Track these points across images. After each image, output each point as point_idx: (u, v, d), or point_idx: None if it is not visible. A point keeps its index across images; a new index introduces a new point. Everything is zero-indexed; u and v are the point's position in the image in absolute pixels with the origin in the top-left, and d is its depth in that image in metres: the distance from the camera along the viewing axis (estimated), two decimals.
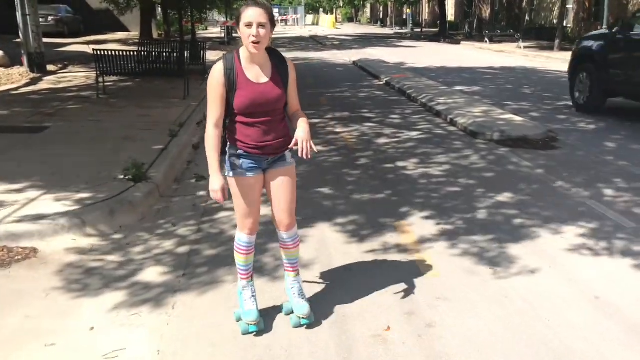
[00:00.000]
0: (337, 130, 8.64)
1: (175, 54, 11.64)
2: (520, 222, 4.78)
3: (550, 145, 7.33)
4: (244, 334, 3.16)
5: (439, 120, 9.25)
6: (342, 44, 30.96)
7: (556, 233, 4.55)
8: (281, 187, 3.19)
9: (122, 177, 5.73)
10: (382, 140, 7.89)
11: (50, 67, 15.58)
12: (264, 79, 3.00)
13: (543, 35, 29.25)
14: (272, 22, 2.91)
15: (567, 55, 22.05)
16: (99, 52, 10.87)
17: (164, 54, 12.14)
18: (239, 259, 3.31)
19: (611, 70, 8.92)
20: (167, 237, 4.60)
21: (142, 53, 11.95)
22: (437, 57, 22.25)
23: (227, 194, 3.06)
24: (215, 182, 3.02)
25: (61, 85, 12.55)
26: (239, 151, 3.09)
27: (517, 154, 6.99)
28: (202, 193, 5.72)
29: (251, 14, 2.84)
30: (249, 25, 2.84)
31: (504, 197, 5.42)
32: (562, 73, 15.85)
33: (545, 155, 6.93)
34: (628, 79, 8.59)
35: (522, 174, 6.19)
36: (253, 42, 2.86)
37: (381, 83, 14.22)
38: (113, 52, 11.10)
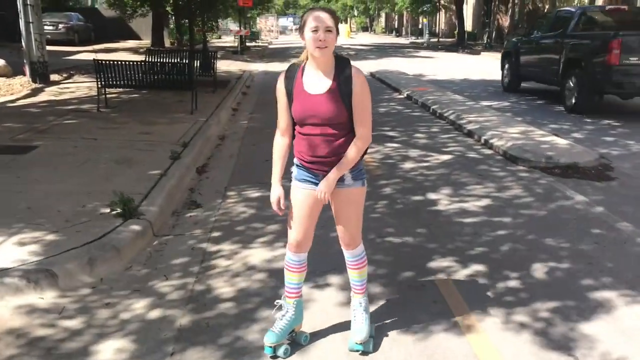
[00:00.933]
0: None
1: (180, 65, 10.83)
2: (589, 284, 3.85)
3: (605, 175, 6.38)
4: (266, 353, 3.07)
5: (470, 141, 8.33)
6: (358, 54, 30.10)
7: (637, 301, 3.62)
8: (339, 208, 3.08)
9: (109, 211, 4.89)
10: (408, 165, 7.00)
11: (54, 77, 14.86)
12: (320, 91, 2.85)
13: None
14: (337, 29, 2.78)
15: None
16: (100, 62, 10.11)
17: (168, 65, 11.32)
18: (286, 275, 3.20)
19: (520, 62, 13.24)
20: (149, 295, 3.73)
21: (147, 63, 11.17)
22: (458, 69, 21.32)
23: (283, 204, 3.01)
24: (272, 192, 3.07)
25: (62, 97, 11.79)
26: (295, 161, 3.07)
27: (568, 185, 6.06)
28: (199, 231, 4.88)
29: (317, 19, 2.75)
30: (315, 30, 2.74)
31: (563, 245, 4.49)
32: None
33: (602, 188, 5.99)
34: (527, 67, 13.00)
35: (578, 212, 5.26)
36: (319, 47, 2.75)
37: (402, 96, 13.33)
38: (116, 62, 10.35)
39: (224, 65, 21.58)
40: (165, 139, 8.06)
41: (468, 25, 42.01)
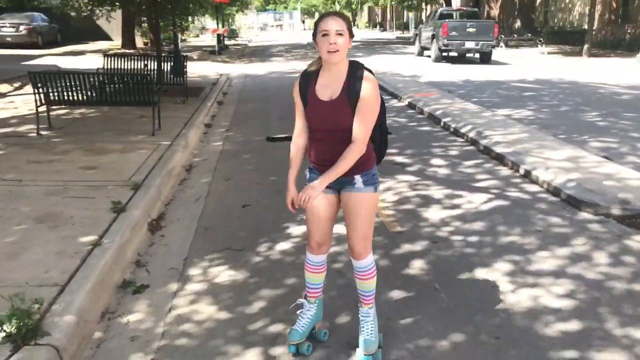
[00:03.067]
0: None
1: (140, 74, 8.92)
2: None
3: None
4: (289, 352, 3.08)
5: (504, 169, 6.57)
6: None
7: None
8: (349, 213, 3.01)
9: None
10: (434, 214, 5.22)
11: (2, 88, 12.92)
12: (330, 96, 2.86)
13: (567, 40, 26.61)
14: (350, 32, 2.82)
15: (600, 63, 19.81)
16: (37, 74, 8.20)
17: (127, 75, 9.42)
18: (306, 275, 3.22)
19: (421, 37, 23.82)
20: None
21: (102, 73, 9.26)
22: (455, 67, 19.61)
23: (300, 203, 2.84)
24: (288, 193, 3.00)
25: (0, 116, 9.86)
26: (309, 164, 3.07)
27: None
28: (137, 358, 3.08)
29: (328, 23, 2.77)
30: (326, 34, 2.75)
31: None
32: (618, 87, 13.26)
33: None
34: (423, 40, 23.65)
35: None
36: (330, 51, 2.75)
37: (402, 104, 11.55)
38: (60, 73, 8.46)
39: (199, 68, 19.66)
40: (113, 176, 6.22)
41: None
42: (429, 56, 22.48)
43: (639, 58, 18.44)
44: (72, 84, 8.35)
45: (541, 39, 25.25)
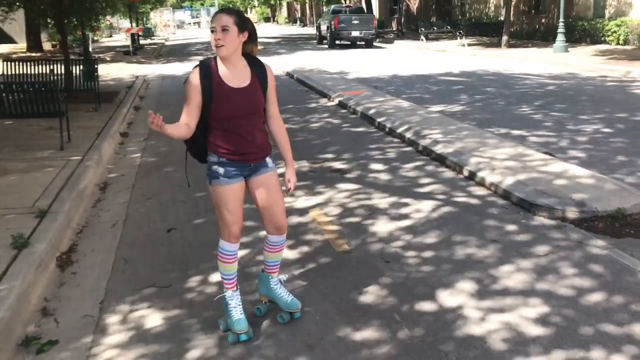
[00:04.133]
0: (299, 202, 5.46)
1: (42, 82, 7.98)
2: None
3: None
4: (232, 343, 3.13)
5: (446, 171, 6.23)
6: (266, 48, 27.62)
7: None
8: (271, 192, 3.18)
9: None
10: (382, 226, 4.77)
11: None
12: (242, 84, 3.00)
13: (485, 31, 27.11)
14: (241, 27, 2.92)
15: (520, 53, 20.20)
16: None
17: (26, 82, 8.47)
18: (225, 268, 3.26)
19: (320, 29, 30.15)
20: None
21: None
22: (380, 62, 19.45)
23: (158, 121, 2.79)
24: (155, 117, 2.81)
25: None
26: (221, 159, 3.08)
27: (627, 251, 4.07)
28: None
29: (214, 19, 2.92)
30: (213, 29, 2.90)
31: None
32: (541, 77, 13.41)
33: None
34: (320, 32, 30.30)
35: None
36: (216, 46, 2.89)
37: (333, 104, 11.11)
38: None
39: (113, 70, 18.52)
40: (13, 202, 5.40)
41: (375, 13, 40.48)
42: (327, 43, 28.29)
43: (556, 48, 18.88)
44: None
45: (461, 31, 25.58)
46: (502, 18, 27.50)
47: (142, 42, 33.09)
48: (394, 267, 4.00)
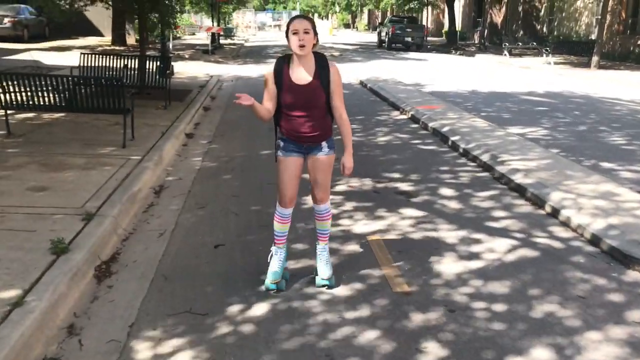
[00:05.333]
0: (358, 226, 5.00)
1: (113, 78, 7.90)
2: None
3: None
4: (266, 290, 3.76)
5: (525, 204, 5.59)
6: (343, 55, 27.31)
7: None
8: (316, 170, 3.76)
9: None
10: (448, 266, 4.23)
11: None
12: (306, 81, 3.55)
13: (573, 50, 25.69)
14: (315, 31, 3.50)
15: (611, 76, 18.85)
16: None
17: (100, 77, 8.44)
18: (277, 226, 3.86)
19: (381, 34, 35.59)
20: None
21: (74, 76, 8.21)
22: (459, 76, 18.68)
23: (246, 98, 3.42)
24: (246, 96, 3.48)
25: None
26: (282, 136, 3.72)
27: None
28: None
29: (297, 23, 3.47)
30: (296, 32, 3.45)
31: None
32: (634, 104, 12.33)
33: None
34: (381, 37, 35.94)
35: None
36: (299, 46, 3.44)
37: (404, 117, 10.57)
38: (21, 75, 7.47)
39: (189, 68, 18.66)
40: (64, 201, 5.23)
41: (457, 24, 39.45)
42: (385, 46, 34.34)
43: None
44: (37, 85, 7.35)
45: (548, 49, 24.32)
46: (593, 37, 26.04)
47: (222, 41, 33.58)
48: (459, 319, 3.48)
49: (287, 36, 3.52)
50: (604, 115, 10.96)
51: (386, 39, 33.77)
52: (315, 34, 3.50)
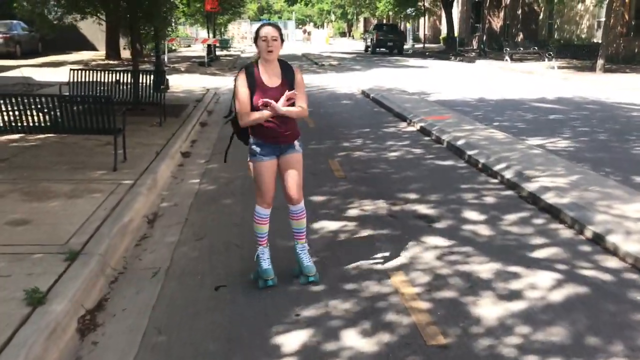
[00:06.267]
0: (377, 259, 4.42)
1: (101, 95, 7.33)
2: None
3: None
4: (261, 288, 3.94)
5: (561, 228, 5.01)
6: (342, 64, 26.80)
7: None
8: (291, 170, 3.99)
9: None
10: (488, 309, 3.64)
11: None
12: (276, 83, 3.88)
13: (576, 54, 25.20)
14: (282, 38, 3.86)
15: (619, 79, 18.35)
16: None
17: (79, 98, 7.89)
18: (258, 228, 4.08)
19: (369, 40, 39.77)
20: None
21: (53, 99, 7.64)
22: (462, 83, 18.16)
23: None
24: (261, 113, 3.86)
25: None
26: (258, 141, 3.93)
27: None
28: None
29: (266, 31, 3.81)
30: (265, 39, 3.78)
31: None
32: None
33: None
34: (368, 41, 40.50)
35: None
36: (268, 51, 3.78)
37: (413, 129, 10.01)
38: (4, 95, 6.90)
39: (185, 81, 18.12)
40: (46, 236, 4.67)
41: (455, 30, 39.03)
42: (369, 49, 38.83)
43: None
44: (20, 105, 6.78)
45: (551, 53, 23.79)
46: (595, 40, 25.56)
47: (218, 53, 33.09)
48: None
49: (255, 42, 3.86)
50: (623, 123, 10.40)
51: (371, 44, 38.18)
52: (282, 40, 3.86)
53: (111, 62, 23.97)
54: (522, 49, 28.17)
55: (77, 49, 29.35)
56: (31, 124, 6.93)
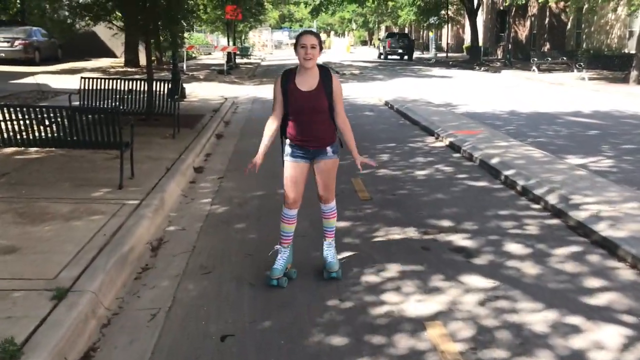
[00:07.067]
0: (409, 304, 3.80)
1: (108, 108, 6.84)
2: None
3: None
4: (267, 284, 4.03)
5: (621, 266, 4.35)
6: (363, 73, 26.23)
7: None
8: (322, 173, 4.14)
9: None
10: None
11: None
12: (310, 88, 3.97)
13: (606, 64, 24.30)
14: (320, 46, 3.95)
15: None
16: None
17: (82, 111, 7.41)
18: (283, 227, 4.20)
19: (382, 47, 43.49)
20: None
21: (58, 110, 7.18)
22: (489, 94, 17.45)
23: (255, 168, 4.07)
24: (256, 157, 4.11)
25: None
26: (288, 141, 4.12)
27: None
28: None
29: (305, 38, 3.91)
30: (304, 46, 3.88)
31: None
32: None
33: None
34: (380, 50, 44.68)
35: None
36: (306, 59, 3.89)
37: (441, 145, 9.37)
38: (3, 106, 6.43)
39: (203, 90, 17.68)
40: (34, 269, 4.14)
41: (479, 39, 38.26)
42: (382, 55, 42.35)
43: None
44: (22, 117, 6.31)
45: (581, 63, 22.96)
46: (627, 50, 24.67)
47: (238, 61, 32.76)
48: None
49: (295, 49, 3.94)
50: None
51: (383, 51, 41.96)
52: (321, 48, 3.95)
53: (130, 69, 23.69)
54: (550, 59, 27.32)
55: (97, 56, 29.21)
56: (31, 137, 6.44)
